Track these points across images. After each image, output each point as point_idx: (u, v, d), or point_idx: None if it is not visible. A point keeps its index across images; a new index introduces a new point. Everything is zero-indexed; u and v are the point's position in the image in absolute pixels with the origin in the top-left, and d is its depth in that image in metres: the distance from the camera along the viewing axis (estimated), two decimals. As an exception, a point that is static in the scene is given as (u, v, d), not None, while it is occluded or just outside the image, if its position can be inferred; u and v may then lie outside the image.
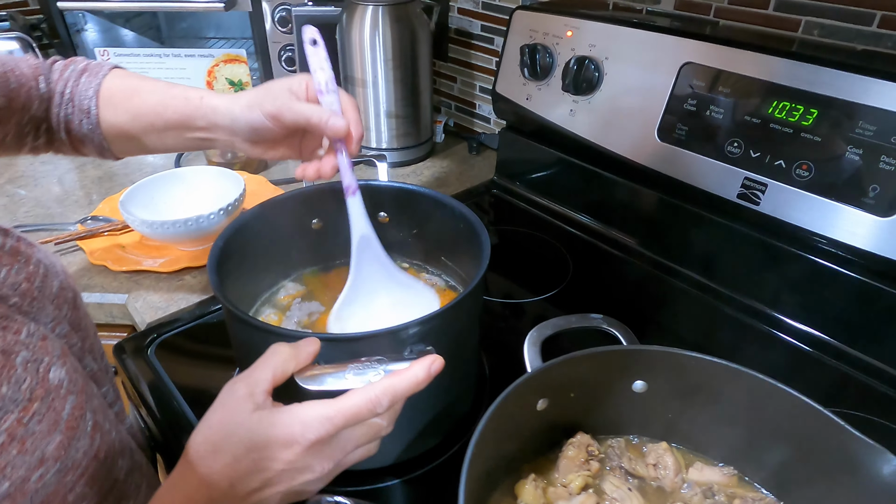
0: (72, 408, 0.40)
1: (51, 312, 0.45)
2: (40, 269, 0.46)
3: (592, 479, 0.51)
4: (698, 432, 0.53)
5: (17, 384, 0.37)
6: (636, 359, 0.50)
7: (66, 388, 0.40)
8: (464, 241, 0.64)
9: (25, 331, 0.39)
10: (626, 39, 0.79)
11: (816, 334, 0.70)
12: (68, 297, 0.48)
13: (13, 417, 0.35)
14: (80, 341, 0.50)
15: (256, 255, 0.64)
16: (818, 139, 0.65)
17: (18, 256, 0.44)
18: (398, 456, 0.57)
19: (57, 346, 0.42)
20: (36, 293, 0.43)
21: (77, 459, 0.40)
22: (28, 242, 0.46)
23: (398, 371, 0.40)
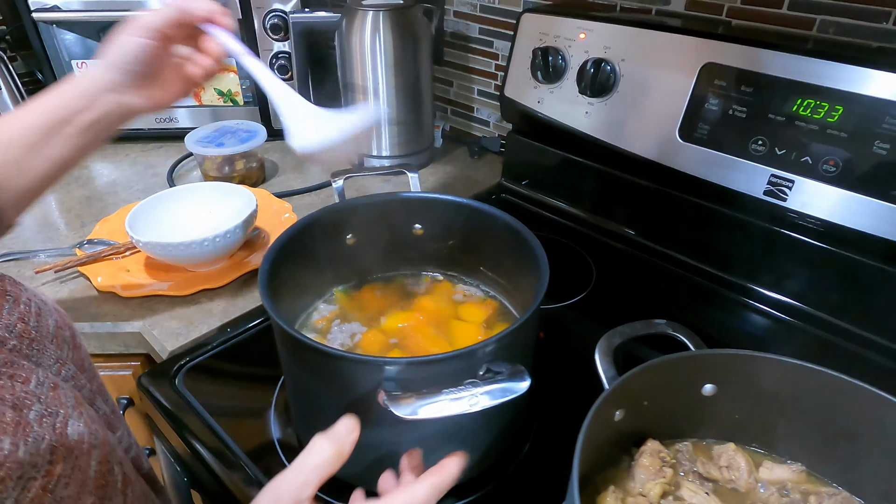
0: (97, 464, 0.37)
1: (53, 353, 0.42)
2: (32, 307, 0.42)
3: (669, 485, 0.51)
4: (765, 431, 0.54)
5: (36, 444, 0.33)
6: (710, 363, 0.50)
7: (87, 443, 0.37)
8: (507, 250, 0.63)
9: (35, 379, 0.36)
10: (643, 41, 0.80)
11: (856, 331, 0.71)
12: (66, 335, 0.44)
13: (37, 485, 0.32)
14: (88, 382, 0.46)
15: (296, 276, 0.61)
16: (845, 135, 0.66)
17: (7, 296, 0.41)
18: (464, 477, 0.55)
19: (69, 394, 0.39)
20: (34, 333, 0.40)
21: None
22: (13, 281, 0.43)
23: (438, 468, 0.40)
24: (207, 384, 0.67)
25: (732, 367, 0.50)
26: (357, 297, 0.69)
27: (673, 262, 0.85)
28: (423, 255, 0.70)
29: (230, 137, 1.03)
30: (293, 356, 0.51)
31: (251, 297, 0.79)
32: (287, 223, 0.92)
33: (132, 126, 1.19)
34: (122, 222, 0.91)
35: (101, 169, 1.13)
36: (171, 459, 0.68)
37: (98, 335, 0.75)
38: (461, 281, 0.71)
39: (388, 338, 0.63)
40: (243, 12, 1.08)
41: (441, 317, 0.66)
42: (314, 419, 0.55)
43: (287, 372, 0.56)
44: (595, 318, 0.78)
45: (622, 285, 0.84)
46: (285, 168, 1.13)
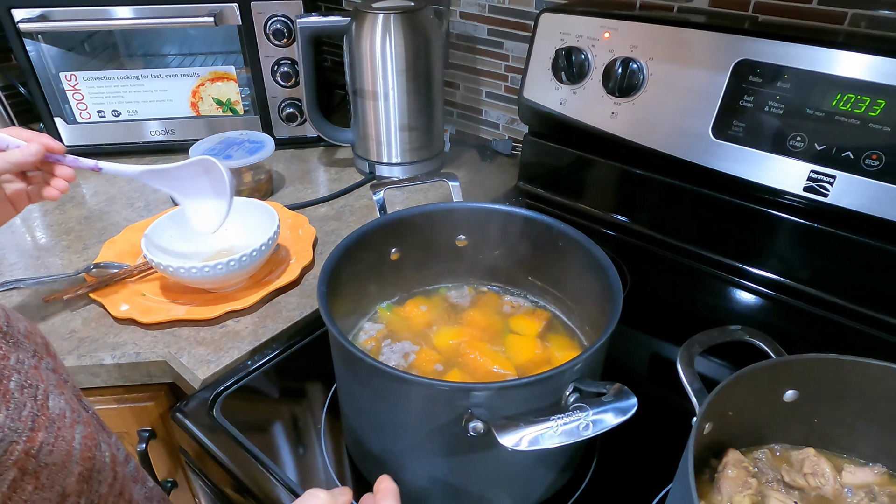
0: (83, 438, 0.38)
1: (29, 347, 0.42)
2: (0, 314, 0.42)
3: (756, 496, 0.49)
4: (843, 434, 0.53)
5: (17, 411, 0.33)
6: (795, 369, 0.49)
7: (70, 418, 0.37)
8: (560, 258, 0.61)
9: (14, 357, 0.37)
10: (671, 39, 0.78)
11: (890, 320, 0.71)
12: (38, 340, 0.44)
13: (20, 449, 0.33)
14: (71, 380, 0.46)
15: (344, 296, 0.58)
16: (888, 129, 0.66)
17: None
18: (537, 498, 0.53)
19: (51, 376, 0.40)
20: (5, 328, 0.40)
21: (103, 494, 0.38)
22: None
23: None
24: (246, 413, 0.63)
25: (817, 371, 0.49)
26: (402, 314, 0.66)
27: (709, 263, 0.84)
28: (467, 266, 0.68)
29: (236, 149, 0.99)
30: (363, 384, 0.48)
31: (279, 317, 0.76)
32: (306, 237, 0.89)
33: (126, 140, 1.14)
34: (130, 243, 0.87)
35: (95, 186, 1.07)
36: (212, 495, 0.64)
37: (119, 366, 0.70)
38: (507, 292, 0.69)
39: (442, 356, 0.60)
40: (243, 17, 1.03)
41: (493, 331, 0.63)
42: (381, 447, 0.52)
43: (349, 398, 0.53)
44: (635, 322, 0.76)
45: (659, 289, 0.83)
46: (292, 179, 1.09)
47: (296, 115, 1.13)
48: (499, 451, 0.47)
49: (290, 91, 1.11)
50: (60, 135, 1.11)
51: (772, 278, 0.80)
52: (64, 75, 1.07)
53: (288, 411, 0.64)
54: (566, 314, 0.65)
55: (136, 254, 0.84)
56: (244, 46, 1.07)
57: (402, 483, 0.51)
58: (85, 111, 1.10)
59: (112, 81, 1.08)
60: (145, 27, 1.12)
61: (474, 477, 0.50)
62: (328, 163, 1.15)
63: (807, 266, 0.77)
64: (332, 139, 1.09)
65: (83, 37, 1.16)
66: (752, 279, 0.81)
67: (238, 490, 0.58)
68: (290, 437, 0.61)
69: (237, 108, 1.14)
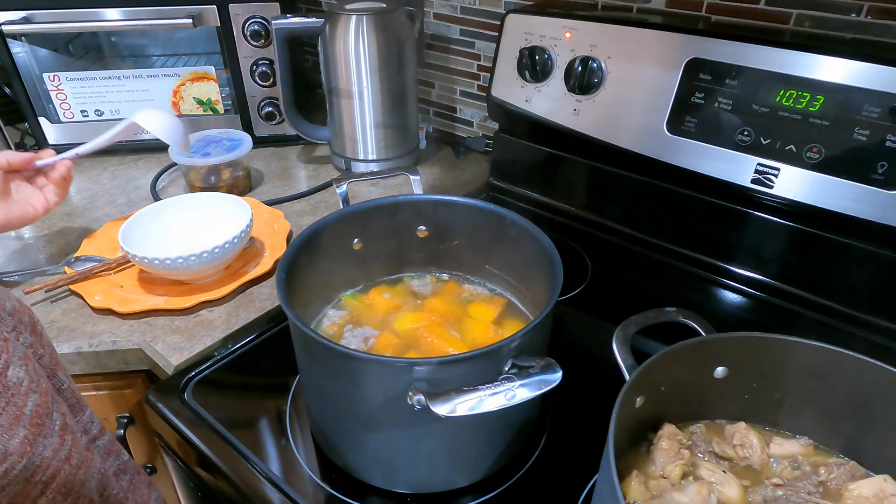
0: (35, 405, 0.40)
1: (10, 323, 0.44)
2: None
3: (688, 467, 0.53)
4: (773, 409, 0.56)
5: None
6: (723, 346, 0.52)
7: (26, 387, 0.40)
8: (513, 247, 0.65)
9: None
10: (628, 38, 0.82)
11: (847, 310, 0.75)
12: (24, 319, 0.47)
13: None
14: (49, 355, 0.49)
15: (307, 283, 0.61)
16: (826, 123, 0.70)
17: None
18: (484, 473, 0.56)
19: (19, 348, 0.42)
20: None
21: (46, 458, 0.40)
22: None
23: None
24: (217, 396, 0.66)
25: (744, 349, 0.52)
26: (365, 301, 0.69)
27: (666, 253, 0.88)
28: (428, 256, 0.71)
29: (215, 146, 1.02)
30: (317, 362, 0.52)
31: (252, 307, 0.79)
32: (280, 231, 0.92)
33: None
34: (110, 238, 0.90)
35: (79, 184, 1.10)
36: (185, 476, 0.68)
37: (96, 353, 0.73)
38: (467, 280, 0.72)
39: (402, 340, 0.63)
40: (221, 20, 1.06)
41: (452, 316, 0.66)
42: (336, 423, 0.55)
43: (307, 377, 0.56)
44: (594, 310, 0.80)
45: (618, 278, 0.86)
46: (270, 176, 1.13)
47: (275, 113, 1.16)
48: (446, 425, 0.50)
49: (268, 90, 1.14)
50: (45, 134, 1.14)
51: (724, 266, 0.83)
52: (47, 76, 1.10)
53: (256, 395, 0.67)
54: (520, 300, 0.68)
55: (116, 248, 0.87)
56: (223, 47, 1.10)
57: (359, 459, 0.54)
58: (68, 111, 1.13)
59: (94, 82, 1.11)
60: (126, 28, 1.15)
61: (426, 450, 0.53)
62: (307, 160, 1.18)
63: (755, 254, 0.80)
64: (309, 137, 1.12)
65: (67, 38, 1.19)
66: (707, 267, 0.84)
67: (208, 469, 0.61)
68: (258, 418, 0.64)
69: (217, 108, 1.17)
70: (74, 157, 0.82)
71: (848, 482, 0.51)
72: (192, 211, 0.87)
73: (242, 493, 0.57)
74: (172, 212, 0.86)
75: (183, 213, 0.86)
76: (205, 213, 0.86)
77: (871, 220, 0.69)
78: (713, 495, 0.49)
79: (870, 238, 0.71)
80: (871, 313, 0.73)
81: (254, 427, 0.63)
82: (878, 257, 0.71)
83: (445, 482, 0.55)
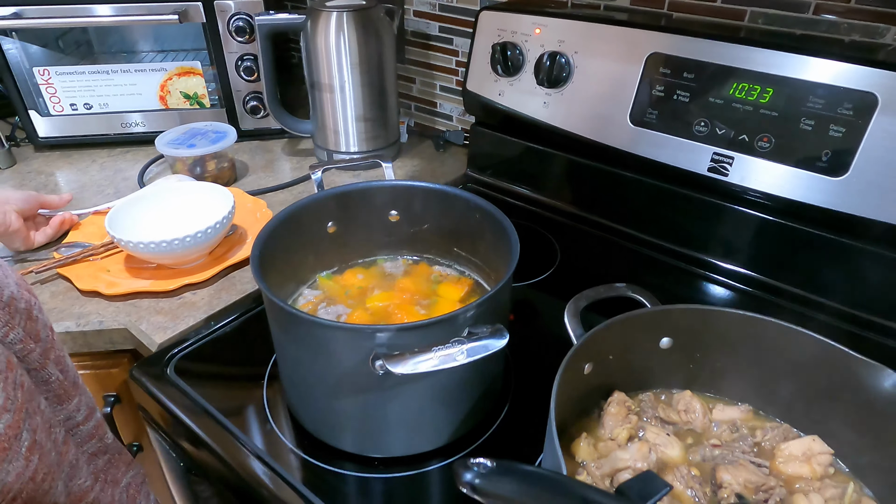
0: (5, 427, 0.39)
1: (2, 317, 0.44)
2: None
3: (634, 430, 0.57)
4: (716, 378, 0.60)
5: None
6: (666, 318, 0.56)
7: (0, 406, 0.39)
8: (478, 230, 0.69)
9: None
10: (594, 34, 0.86)
11: (795, 290, 0.79)
12: (20, 307, 0.47)
13: None
14: (40, 349, 0.49)
15: (282, 263, 0.65)
16: (776, 114, 0.74)
17: None
18: (447, 438, 0.60)
19: (2, 358, 0.41)
20: None
21: (8, 482, 0.39)
22: None
23: None
24: (198, 372, 0.70)
25: (685, 320, 0.56)
26: (340, 282, 0.73)
27: (630, 239, 0.92)
28: (400, 239, 0.75)
29: (200, 139, 1.05)
30: (287, 332, 0.55)
31: (234, 290, 0.82)
32: (263, 219, 0.95)
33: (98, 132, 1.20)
34: (97, 226, 0.93)
35: (68, 175, 1.13)
36: (167, 447, 0.71)
37: (84, 333, 0.77)
38: (437, 262, 0.76)
39: (373, 316, 0.67)
40: (207, 16, 1.10)
41: (421, 295, 0.70)
42: (307, 391, 0.59)
43: (279, 349, 0.60)
44: (561, 293, 0.83)
45: (584, 263, 0.90)
46: (255, 168, 1.16)
47: (259, 107, 1.20)
48: (409, 391, 0.54)
49: (253, 85, 1.18)
50: (35, 127, 1.17)
51: (683, 252, 0.87)
52: (38, 70, 1.13)
53: (236, 371, 0.71)
54: (486, 280, 0.72)
55: (103, 235, 0.90)
56: (209, 43, 1.13)
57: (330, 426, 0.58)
58: (58, 104, 1.16)
59: (84, 76, 1.15)
60: (113, 24, 1.18)
61: (391, 416, 0.56)
62: (291, 153, 1.22)
63: (713, 239, 0.84)
64: (292, 130, 1.16)
65: (57, 34, 1.22)
66: (667, 252, 0.89)
67: (189, 440, 0.65)
68: (237, 393, 0.67)
69: (204, 102, 1.20)
70: (72, 218, 0.93)
71: (780, 443, 0.55)
72: (177, 198, 0.90)
73: (222, 461, 0.61)
74: (157, 199, 0.89)
75: (167, 200, 0.90)
76: (189, 200, 0.90)
77: (818, 205, 0.73)
78: (653, 453, 0.53)
79: (817, 222, 0.75)
80: (818, 293, 0.77)
81: (233, 400, 0.66)
82: (824, 241, 0.75)
83: (411, 446, 0.59)
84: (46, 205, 0.91)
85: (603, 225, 0.95)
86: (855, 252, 0.73)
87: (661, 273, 0.87)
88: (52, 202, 0.92)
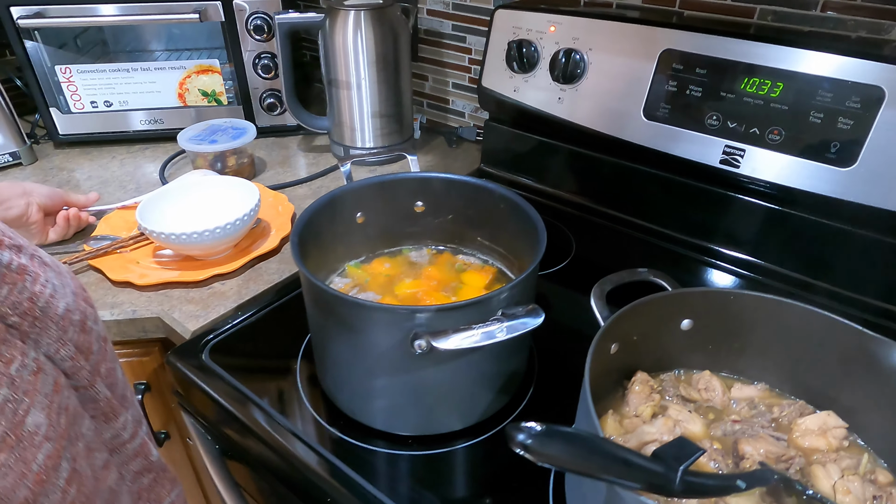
0: (45, 457, 0.37)
1: (54, 333, 0.42)
2: (48, 288, 0.42)
3: (658, 408, 0.59)
4: (733, 358, 0.63)
5: None
6: (687, 300, 0.59)
7: (42, 435, 0.37)
8: (502, 219, 0.71)
9: (18, 362, 0.37)
10: (608, 31, 0.89)
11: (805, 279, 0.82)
12: (74, 319, 0.44)
13: None
14: (89, 365, 0.46)
15: (314, 252, 0.67)
16: (785, 107, 0.77)
17: (26, 275, 0.40)
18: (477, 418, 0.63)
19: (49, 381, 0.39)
20: (38, 313, 0.40)
21: None
22: (43, 261, 0.43)
23: None
24: (232, 357, 0.72)
25: (706, 302, 0.59)
26: (368, 270, 0.76)
27: (644, 231, 0.95)
28: (425, 229, 0.78)
29: (221, 135, 1.08)
30: (326, 314, 0.58)
31: (261, 280, 0.85)
32: (285, 213, 0.98)
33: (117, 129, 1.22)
34: (123, 219, 0.96)
35: (89, 171, 1.15)
36: (203, 430, 0.73)
37: (118, 322, 0.79)
38: (460, 251, 0.79)
39: (402, 302, 0.69)
40: (226, 15, 1.12)
41: (447, 283, 0.73)
42: (344, 372, 0.61)
43: (317, 331, 0.63)
44: (578, 282, 0.87)
45: (600, 254, 0.93)
46: (273, 163, 1.18)
47: (276, 104, 1.22)
48: (443, 371, 0.57)
49: (270, 83, 1.20)
50: (56, 124, 1.19)
51: (697, 242, 0.90)
52: (59, 68, 1.15)
53: (268, 355, 0.73)
54: (509, 268, 0.75)
55: (130, 229, 0.92)
56: (227, 41, 1.16)
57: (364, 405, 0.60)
58: (79, 102, 1.19)
59: (104, 74, 1.17)
60: (135, 23, 1.20)
61: (424, 395, 0.59)
62: (307, 149, 1.24)
63: (726, 230, 0.87)
64: (309, 126, 1.18)
65: (75, 33, 1.24)
66: (681, 244, 0.92)
67: (226, 421, 0.67)
68: (270, 375, 0.70)
69: (221, 99, 1.23)
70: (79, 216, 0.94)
71: (797, 418, 0.58)
72: (202, 192, 0.92)
73: (259, 439, 0.63)
74: (184, 193, 0.92)
75: (194, 194, 0.92)
76: (214, 194, 0.92)
77: (827, 195, 0.76)
78: (678, 427, 0.56)
79: (826, 212, 0.78)
80: (828, 281, 0.80)
81: (267, 382, 0.69)
82: (833, 229, 0.78)
83: (442, 425, 0.61)
84: (72, 203, 0.92)
85: (617, 217, 0.97)
86: (862, 240, 0.76)
87: (675, 263, 0.90)
88: (77, 201, 0.93)
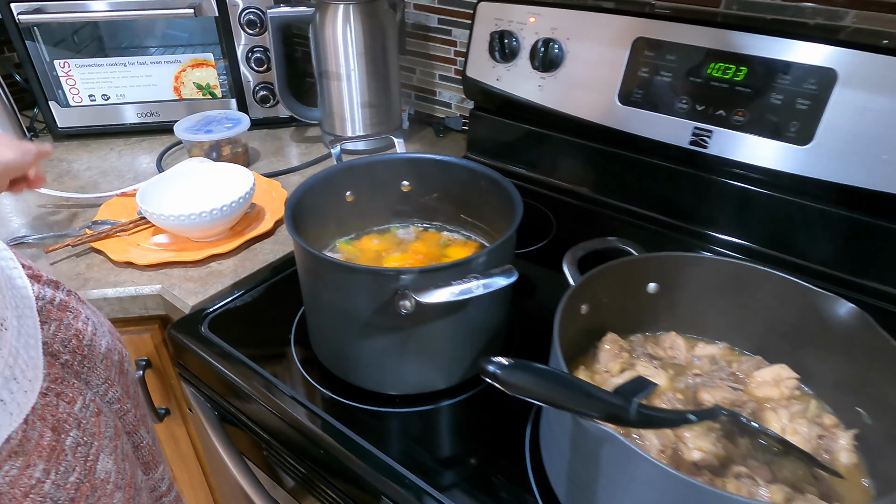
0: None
1: (102, 373, 0.42)
2: (89, 326, 0.43)
3: (626, 364, 0.64)
4: (697, 320, 0.68)
5: (65, 476, 0.32)
6: (651, 264, 0.64)
7: (113, 483, 0.36)
8: (483, 197, 0.76)
9: (80, 401, 0.36)
10: (584, 21, 0.94)
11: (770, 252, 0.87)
12: (115, 359, 0.46)
13: None
14: (134, 409, 0.47)
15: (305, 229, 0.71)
16: (749, 90, 0.82)
17: (68, 311, 0.41)
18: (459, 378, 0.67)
19: (110, 423, 0.39)
20: (86, 350, 0.40)
21: None
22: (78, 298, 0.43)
23: None
24: (230, 329, 0.76)
25: (669, 266, 0.64)
26: (358, 246, 0.80)
27: (621, 211, 1.00)
28: (412, 207, 0.82)
29: (216, 125, 1.12)
30: (318, 279, 0.62)
31: (256, 259, 0.89)
32: (279, 198, 1.02)
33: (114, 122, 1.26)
34: (123, 205, 1.00)
35: (88, 162, 1.19)
36: (204, 399, 0.78)
37: (120, 299, 0.83)
38: (445, 229, 0.83)
39: (389, 274, 0.74)
40: (219, 9, 1.16)
41: (432, 257, 0.77)
42: (335, 335, 0.66)
43: (309, 298, 0.67)
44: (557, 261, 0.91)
45: (578, 233, 0.97)
46: (266, 153, 1.23)
47: (269, 97, 1.26)
48: (427, 331, 0.61)
49: (263, 76, 1.25)
50: (55, 117, 1.23)
51: (669, 221, 0.95)
52: (58, 63, 1.19)
53: (264, 327, 0.78)
54: (491, 243, 0.79)
55: (130, 214, 0.96)
56: (221, 36, 1.20)
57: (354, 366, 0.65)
58: (77, 95, 1.23)
59: (102, 68, 1.21)
60: (133, 18, 1.23)
61: (410, 355, 0.64)
62: (299, 140, 1.29)
63: (697, 208, 0.92)
64: (301, 117, 1.23)
65: (73, 29, 1.28)
66: (655, 222, 0.97)
67: (226, 388, 0.72)
68: (267, 345, 0.74)
69: (216, 92, 1.27)
70: None
71: (753, 371, 0.63)
72: (199, 178, 0.97)
73: (257, 402, 0.68)
74: (182, 179, 0.96)
75: (191, 180, 0.96)
76: (210, 179, 0.96)
77: (788, 171, 0.81)
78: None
79: (788, 188, 0.83)
80: (791, 254, 0.85)
81: (263, 351, 0.73)
82: (795, 204, 0.83)
83: (427, 384, 0.66)
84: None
85: (595, 199, 1.02)
86: (819, 213, 0.81)
87: (650, 240, 0.95)
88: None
